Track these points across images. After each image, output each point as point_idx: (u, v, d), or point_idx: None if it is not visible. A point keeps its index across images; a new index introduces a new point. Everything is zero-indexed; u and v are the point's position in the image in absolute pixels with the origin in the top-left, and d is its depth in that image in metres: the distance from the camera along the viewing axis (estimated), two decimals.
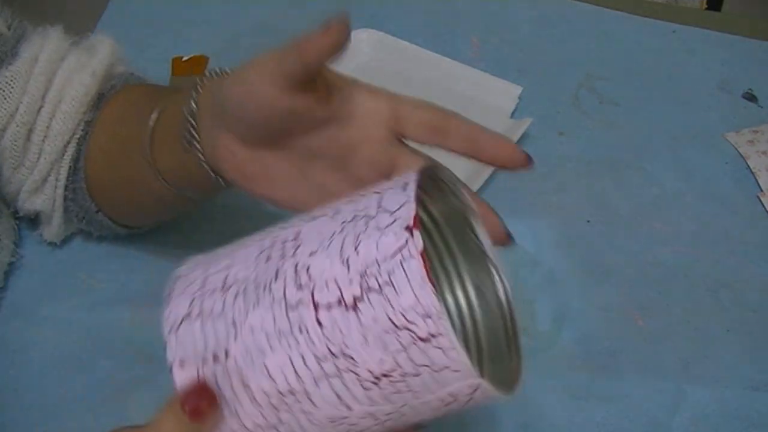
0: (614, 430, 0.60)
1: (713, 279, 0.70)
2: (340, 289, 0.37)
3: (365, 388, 0.37)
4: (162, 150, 0.57)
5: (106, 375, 0.62)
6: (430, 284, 0.35)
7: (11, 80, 0.61)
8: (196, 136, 0.53)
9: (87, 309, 0.66)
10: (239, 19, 0.92)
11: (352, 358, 0.37)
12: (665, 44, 0.91)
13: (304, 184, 0.52)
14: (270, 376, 0.38)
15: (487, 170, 0.75)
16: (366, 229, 0.37)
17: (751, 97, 0.85)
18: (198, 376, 0.39)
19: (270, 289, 0.38)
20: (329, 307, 0.37)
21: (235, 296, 0.39)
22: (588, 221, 0.74)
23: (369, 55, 0.86)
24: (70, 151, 0.64)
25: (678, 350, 0.65)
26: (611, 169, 0.78)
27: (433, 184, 0.44)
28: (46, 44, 0.63)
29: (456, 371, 0.37)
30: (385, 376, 0.37)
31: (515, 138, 0.77)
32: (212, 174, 0.53)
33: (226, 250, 0.43)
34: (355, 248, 0.37)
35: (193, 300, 0.40)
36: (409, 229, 0.36)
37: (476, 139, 0.50)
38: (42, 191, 0.65)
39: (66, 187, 0.65)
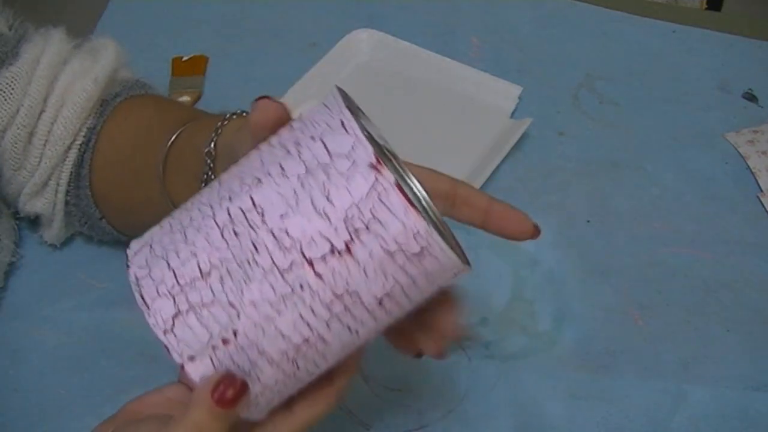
0: (614, 430, 0.60)
1: (713, 279, 0.70)
2: (328, 240, 0.38)
3: (371, 311, 0.40)
4: (176, 182, 0.58)
5: (106, 375, 0.62)
6: (412, 208, 0.38)
7: (12, 81, 0.61)
8: (214, 177, 0.53)
9: (87, 309, 0.66)
10: (239, 19, 0.92)
11: (357, 293, 0.39)
12: (665, 44, 0.91)
13: None
14: (284, 336, 0.40)
15: (488, 170, 0.75)
16: (329, 178, 0.39)
17: (751, 97, 0.85)
18: (213, 364, 0.40)
19: (256, 262, 0.39)
20: (323, 258, 0.39)
21: (221, 280, 0.40)
22: (588, 221, 0.74)
23: (369, 55, 0.86)
24: (72, 156, 0.64)
25: (678, 350, 0.65)
26: (611, 169, 0.78)
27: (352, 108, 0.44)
28: (48, 46, 0.63)
29: (446, 268, 0.40)
30: (387, 296, 0.40)
31: (515, 138, 0.77)
32: None
33: (171, 237, 0.42)
34: (327, 199, 0.38)
35: (174, 297, 0.40)
36: (373, 167, 0.38)
37: (486, 210, 0.49)
38: (42, 195, 0.65)
39: (68, 192, 0.65)
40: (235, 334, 0.39)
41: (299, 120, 0.42)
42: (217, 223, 0.40)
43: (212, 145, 0.53)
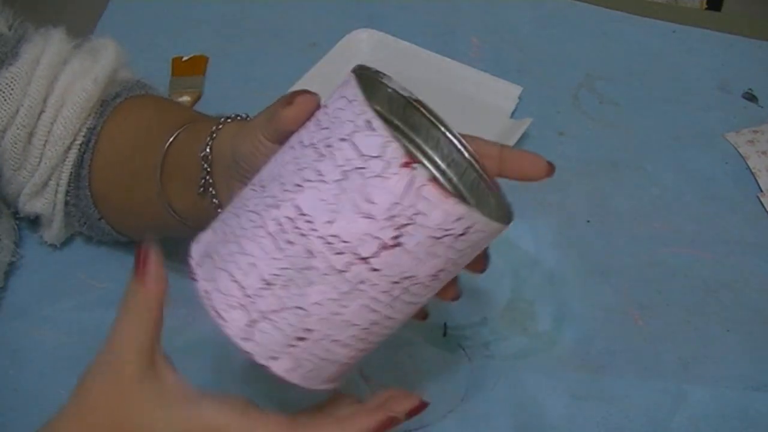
0: (614, 430, 0.60)
1: (713, 279, 0.70)
2: (377, 237, 0.41)
3: (428, 285, 0.44)
4: (174, 187, 0.58)
5: None
6: (450, 197, 0.40)
7: (11, 81, 0.61)
8: (212, 182, 0.53)
9: (87, 309, 0.66)
10: (239, 19, 0.92)
11: (413, 276, 0.43)
12: (665, 44, 0.91)
13: None
14: (353, 324, 0.43)
15: None
16: (366, 180, 0.40)
17: (751, 97, 0.85)
18: (294, 358, 0.43)
19: (313, 267, 0.42)
20: (376, 254, 0.41)
21: (284, 287, 0.42)
22: (588, 221, 0.74)
23: (369, 55, 0.86)
24: (72, 156, 0.64)
25: (678, 350, 0.65)
26: (611, 169, 0.78)
27: (369, 84, 0.46)
28: (48, 46, 0.63)
29: (492, 234, 0.44)
30: (441, 270, 0.43)
31: (515, 138, 0.77)
32: None
33: (228, 248, 0.44)
34: (369, 200, 0.40)
35: (246, 307, 0.43)
36: (407, 164, 0.40)
37: (500, 157, 0.51)
38: (42, 195, 0.65)
39: (68, 193, 0.65)
40: (307, 331, 0.43)
41: (325, 113, 0.44)
42: (269, 233, 0.42)
43: (208, 149, 0.53)
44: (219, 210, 0.53)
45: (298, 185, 0.42)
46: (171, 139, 0.58)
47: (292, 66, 0.83)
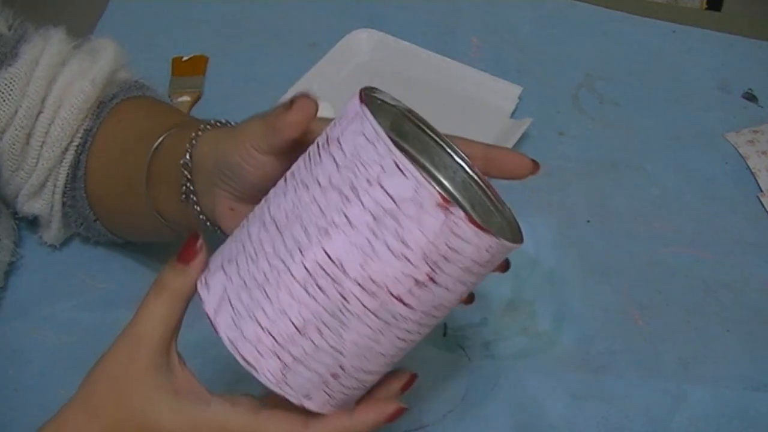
0: (614, 430, 0.60)
1: (713, 279, 0.70)
2: (411, 276, 0.41)
3: (454, 304, 0.45)
4: (159, 191, 0.57)
5: None
6: (483, 232, 0.41)
7: (11, 82, 0.61)
8: (193, 189, 0.53)
9: (87, 309, 0.66)
10: (239, 19, 0.92)
11: (444, 305, 0.44)
12: (665, 44, 0.91)
13: None
14: (385, 354, 0.44)
15: None
16: (399, 223, 0.40)
17: (751, 97, 0.85)
18: (327, 394, 0.44)
19: (348, 311, 0.42)
20: (410, 291, 0.41)
21: (318, 331, 0.42)
22: (588, 221, 0.74)
23: (369, 55, 0.86)
24: (69, 158, 0.64)
25: (678, 350, 0.65)
26: (611, 169, 0.78)
27: (374, 106, 0.46)
28: (47, 47, 0.63)
29: (509, 252, 0.44)
30: (465, 291, 0.44)
31: (515, 138, 0.77)
32: (211, 227, 0.54)
33: (250, 294, 0.43)
34: (403, 242, 0.40)
35: (277, 354, 0.43)
36: (441, 206, 0.39)
37: (485, 157, 0.51)
38: (40, 196, 0.65)
39: (65, 194, 0.65)
40: (342, 368, 0.43)
41: (340, 150, 0.42)
42: (296, 279, 0.42)
43: (188, 156, 0.53)
44: (201, 216, 0.53)
45: (325, 230, 0.41)
46: (156, 144, 0.57)
47: (292, 66, 0.83)
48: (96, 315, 0.65)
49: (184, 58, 0.86)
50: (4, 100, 0.61)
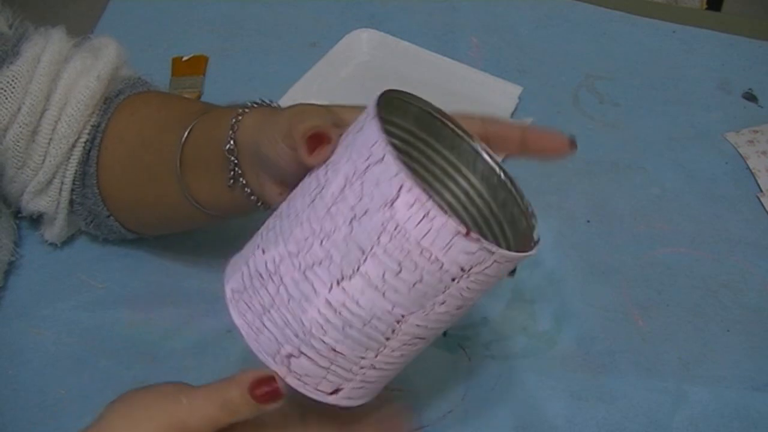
0: (614, 430, 0.60)
1: (713, 279, 0.70)
2: (436, 298, 0.43)
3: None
4: (197, 178, 0.57)
5: (106, 375, 0.62)
6: (511, 254, 0.42)
7: (13, 80, 0.61)
8: (241, 172, 0.53)
9: (87, 309, 0.66)
10: (239, 19, 0.92)
11: (464, 306, 0.45)
12: (665, 44, 0.91)
13: None
14: (409, 358, 0.47)
15: None
16: (426, 260, 0.42)
17: (751, 97, 0.85)
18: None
19: (385, 347, 0.45)
20: (432, 310, 0.44)
21: (355, 352, 0.44)
22: (588, 221, 0.74)
23: (369, 55, 0.86)
24: (77, 154, 0.64)
25: (678, 350, 0.65)
26: (611, 169, 0.78)
27: (392, 107, 0.47)
28: (48, 45, 0.63)
29: (508, 267, 0.45)
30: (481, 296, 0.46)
31: None
32: (262, 207, 0.54)
33: (292, 329, 0.44)
34: (429, 277, 0.42)
35: (333, 381, 0.45)
36: (466, 235, 0.41)
37: (522, 138, 0.52)
38: (46, 193, 0.65)
39: (73, 191, 0.65)
40: (373, 369, 0.46)
41: (362, 185, 0.42)
42: (329, 311, 0.44)
43: (232, 142, 0.53)
44: (252, 197, 0.54)
45: (349, 273, 0.42)
46: (186, 134, 0.58)
47: (292, 66, 0.83)
48: (96, 315, 0.65)
49: (184, 58, 0.86)
50: (6, 98, 0.61)
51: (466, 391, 0.62)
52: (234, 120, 0.53)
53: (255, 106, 0.54)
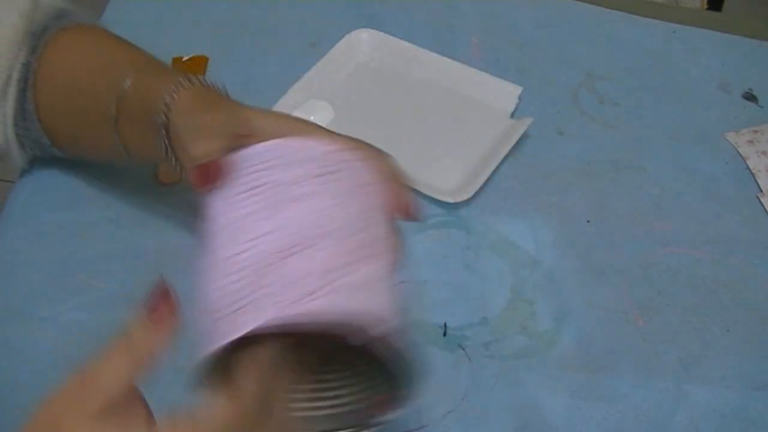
0: (614, 430, 0.60)
1: (713, 279, 0.70)
2: None
3: None
4: (130, 134, 0.59)
5: None
6: None
7: None
8: (172, 147, 0.55)
9: (87, 309, 0.66)
10: (239, 19, 0.92)
11: None
12: (665, 44, 0.91)
13: None
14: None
15: (488, 169, 0.75)
16: None
17: (751, 97, 0.85)
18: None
19: None
20: None
21: None
22: (588, 221, 0.74)
23: (369, 55, 0.86)
24: (12, 92, 0.64)
25: (678, 350, 0.65)
26: (611, 169, 0.78)
27: None
28: None
29: None
30: None
31: (515, 138, 0.77)
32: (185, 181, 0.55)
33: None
34: None
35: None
36: None
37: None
38: None
39: (16, 124, 0.66)
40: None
41: None
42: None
43: (164, 116, 0.54)
44: (179, 170, 0.55)
45: None
46: (119, 94, 0.59)
47: (292, 66, 0.83)
48: (96, 315, 0.65)
49: (184, 58, 0.86)
50: None
51: (466, 391, 0.62)
52: (168, 99, 0.54)
53: (189, 84, 0.55)
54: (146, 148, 0.58)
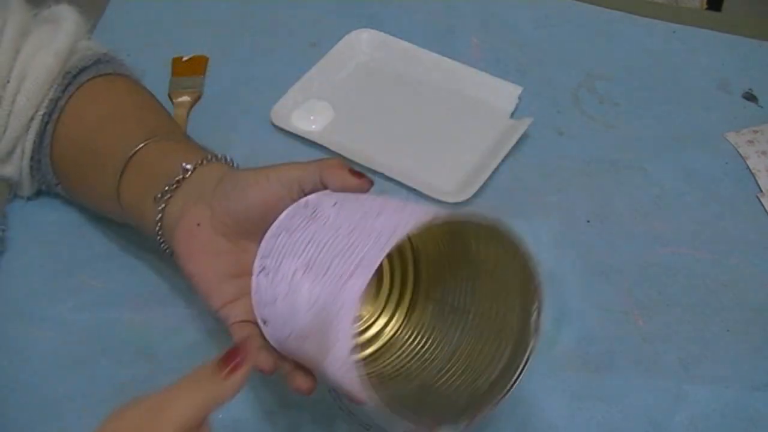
0: (614, 430, 0.60)
1: (713, 279, 0.70)
2: None
3: None
4: (127, 190, 0.62)
5: (106, 375, 0.62)
6: None
7: None
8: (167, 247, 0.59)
9: (87, 309, 0.66)
10: (239, 19, 0.92)
11: None
12: (665, 44, 0.91)
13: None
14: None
15: (488, 169, 0.75)
16: None
17: (751, 97, 0.85)
18: None
19: None
20: None
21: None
22: (588, 221, 0.74)
23: (369, 55, 0.86)
24: (35, 127, 0.66)
25: (678, 350, 0.65)
26: (611, 169, 0.78)
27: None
28: (9, 17, 0.64)
29: None
30: None
31: (515, 138, 0.77)
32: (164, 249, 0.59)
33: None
34: None
35: None
36: None
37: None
38: (9, 162, 0.67)
39: (32, 158, 0.67)
40: None
41: None
42: None
43: (160, 216, 0.58)
44: (166, 249, 0.59)
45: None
46: (132, 153, 0.61)
47: (292, 66, 0.83)
48: (96, 315, 0.65)
49: (184, 58, 0.86)
50: None
51: None
52: (162, 205, 0.58)
53: (176, 183, 0.58)
54: (138, 209, 0.61)
